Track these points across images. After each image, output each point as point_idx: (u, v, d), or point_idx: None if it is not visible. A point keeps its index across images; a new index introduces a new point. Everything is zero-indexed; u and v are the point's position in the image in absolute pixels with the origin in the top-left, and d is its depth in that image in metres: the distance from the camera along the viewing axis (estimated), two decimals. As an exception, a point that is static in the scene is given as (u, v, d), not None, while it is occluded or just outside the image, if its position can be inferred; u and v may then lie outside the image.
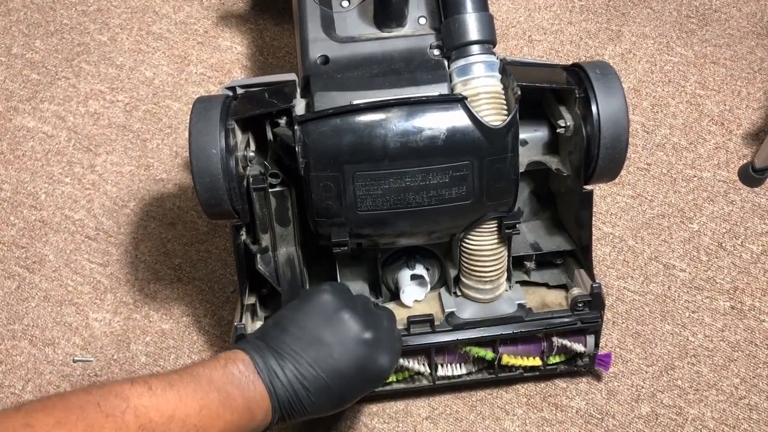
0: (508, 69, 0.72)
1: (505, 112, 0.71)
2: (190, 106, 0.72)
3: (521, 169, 0.75)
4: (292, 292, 0.77)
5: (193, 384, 0.59)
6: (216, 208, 0.72)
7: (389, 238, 0.77)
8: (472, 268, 0.79)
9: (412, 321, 0.78)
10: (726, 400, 0.88)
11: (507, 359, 0.82)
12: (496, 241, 0.77)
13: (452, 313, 0.80)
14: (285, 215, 0.77)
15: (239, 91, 0.77)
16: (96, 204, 1.06)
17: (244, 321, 0.77)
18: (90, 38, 1.22)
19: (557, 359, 0.85)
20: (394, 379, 0.83)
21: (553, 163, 0.78)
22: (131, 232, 1.04)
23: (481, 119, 0.69)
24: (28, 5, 1.26)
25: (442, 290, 0.83)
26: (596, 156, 0.73)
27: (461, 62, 0.72)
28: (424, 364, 0.82)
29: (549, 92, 0.78)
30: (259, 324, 0.80)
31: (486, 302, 0.81)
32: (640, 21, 1.20)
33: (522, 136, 0.77)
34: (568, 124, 0.75)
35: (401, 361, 0.81)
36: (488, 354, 0.81)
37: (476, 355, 0.82)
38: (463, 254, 0.79)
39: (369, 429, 0.87)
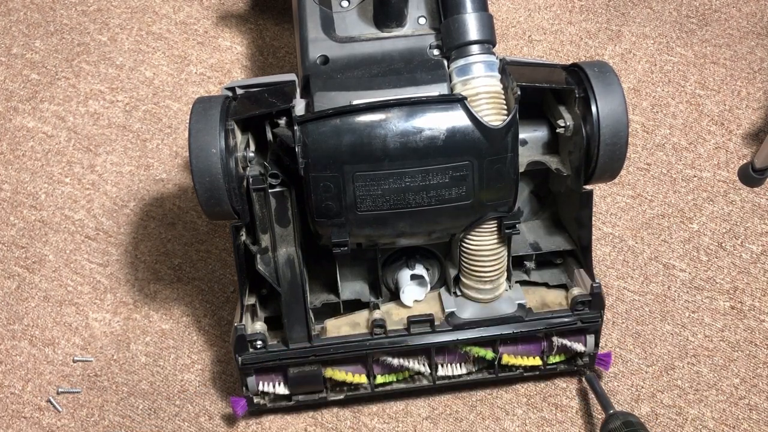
0: (507, 69, 0.72)
1: (505, 112, 0.71)
2: (190, 106, 0.72)
3: (521, 169, 0.75)
4: (292, 292, 0.77)
5: None
6: (216, 208, 0.72)
7: (389, 238, 0.77)
8: (472, 268, 0.79)
9: (412, 321, 0.78)
10: (726, 400, 0.88)
11: (507, 359, 0.82)
12: (495, 241, 0.77)
13: (452, 313, 0.80)
14: (285, 216, 0.77)
15: (239, 91, 0.77)
16: (96, 204, 1.06)
17: (244, 321, 0.77)
18: (90, 38, 1.22)
19: (557, 359, 0.85)
20: (394, 379, 0.83)
21: (553, 163, 0.78)
22: (131, 232, 1.04)
23: (480, 119, 0.69)
24: (28, 5, 1.26)
25: (442, 290, 0.83)
26: (596, 155, 0.73)
27: (461, 62, 0.72)
28: (424, 364, 0.82)
29: (549, 92, 0.78)
30: (259, 324, 0.80)
31: (486, 302, 0.81)
32: (640, 21, 1.20)
33: (522, 136, 0.77)
34: (567, 123, 0.75)
35: (401, 360, 0.81)
36: (488, 354, 0.81)
37: (476, 355, 0.82)
38: (463, 254, 0.79)
39: (369, 429, 0.87)
